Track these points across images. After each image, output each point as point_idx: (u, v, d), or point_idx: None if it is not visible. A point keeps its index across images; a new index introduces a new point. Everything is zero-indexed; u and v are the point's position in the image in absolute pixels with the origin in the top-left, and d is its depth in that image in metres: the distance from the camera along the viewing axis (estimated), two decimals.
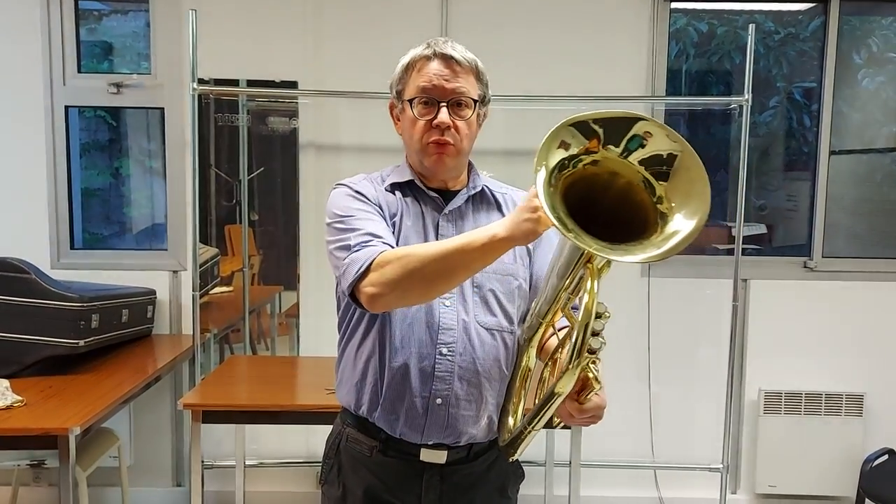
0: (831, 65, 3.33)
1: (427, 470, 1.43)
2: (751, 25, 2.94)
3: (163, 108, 3.28)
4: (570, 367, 1.05)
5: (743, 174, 2.99)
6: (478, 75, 1.42)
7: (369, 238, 1.32)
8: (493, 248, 1.18)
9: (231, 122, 3.28)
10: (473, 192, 1.48)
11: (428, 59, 1.39)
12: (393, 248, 1.31)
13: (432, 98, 1.37)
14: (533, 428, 1.19)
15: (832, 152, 3.38)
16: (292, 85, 3.22)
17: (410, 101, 1.39)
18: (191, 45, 2.89)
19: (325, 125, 3.26)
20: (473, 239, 1.20)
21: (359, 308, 1.35)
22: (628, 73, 3.24)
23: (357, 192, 1.42)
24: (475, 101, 1.40)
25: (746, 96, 2.96)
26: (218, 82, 3.15)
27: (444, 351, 1.38)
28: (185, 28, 2.92)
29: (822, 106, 3.35)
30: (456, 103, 1.38)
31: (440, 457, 1.42)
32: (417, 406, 1.39)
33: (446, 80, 1.37)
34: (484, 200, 1.50)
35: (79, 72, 3.29)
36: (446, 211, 1.44)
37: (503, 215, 1.46)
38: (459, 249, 1.20)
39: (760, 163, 3.58)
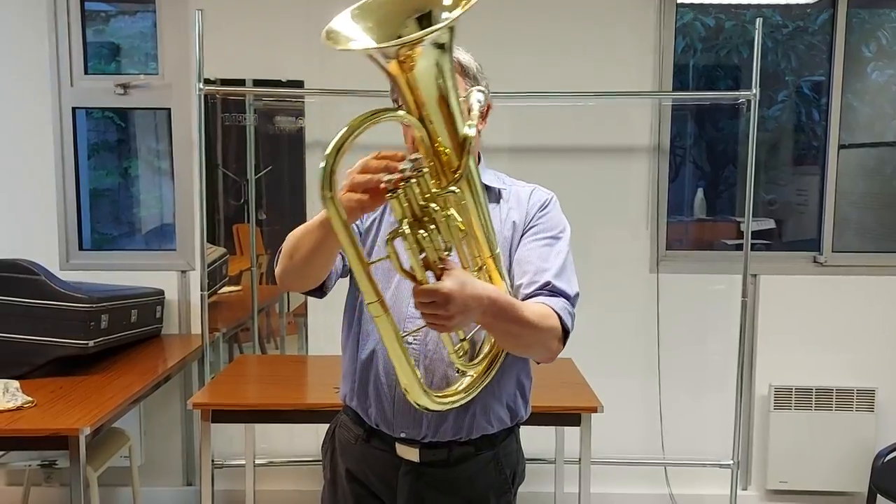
0: (840, 58, 3.30)
1: (404, 466, 1.44)
2: (758, 19, 2.92)
3: (170, 109, 3.29)
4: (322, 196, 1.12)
5: (751, 169, 2.97)
6: (462, 71, 1.40)
7: None
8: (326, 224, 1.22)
9: (238, 122, 3.28)
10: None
11: None
12: None
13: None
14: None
15: (841, 146, 3.35)
16: (298, 84, 3.22)
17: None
18: (197, 46, 2.90)
19: (332, 124, 3.26)
20: (313, 219, 1.27)
21: None
22: (635, 69, 3.22)
23: None
24: None
25: (754, 91, 2.95)
26: (224, 82, 3.15)
27: (410, 339, 1.37)
28: (192, 28, 2.93)
29: (831, 100, 3.32)
30: None
31: (413, 454, 1.43)
32: (385, 394, 1.42)
33: None
34: None
35: (86, 73, 3.29)
36: None
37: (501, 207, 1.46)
38: (304, 228, 1.30)
39: (769, 157, 3.56)
